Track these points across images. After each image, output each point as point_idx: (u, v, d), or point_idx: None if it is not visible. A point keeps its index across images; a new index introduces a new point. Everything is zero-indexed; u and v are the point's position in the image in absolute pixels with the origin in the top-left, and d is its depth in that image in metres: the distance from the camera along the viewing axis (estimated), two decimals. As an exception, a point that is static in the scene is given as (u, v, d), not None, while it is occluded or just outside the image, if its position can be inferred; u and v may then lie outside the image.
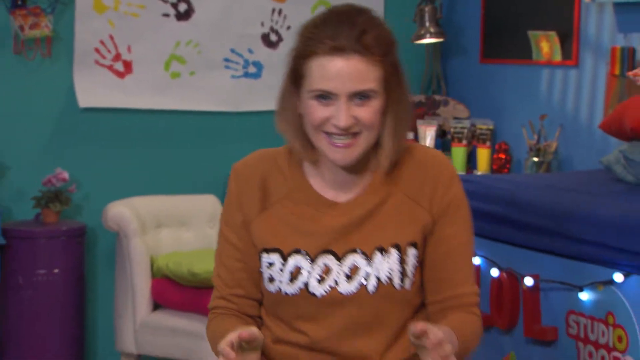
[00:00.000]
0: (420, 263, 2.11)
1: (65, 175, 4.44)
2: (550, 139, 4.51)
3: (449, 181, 2.12)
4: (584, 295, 2.90)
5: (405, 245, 2.08)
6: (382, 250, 2.08)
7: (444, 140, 4.96)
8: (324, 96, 2.01)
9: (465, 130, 4.84)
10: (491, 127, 4.82)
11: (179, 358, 4.23)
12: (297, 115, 2.10)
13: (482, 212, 3.12)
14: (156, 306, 4.31)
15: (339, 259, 2.08)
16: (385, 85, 2.04)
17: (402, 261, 2.07)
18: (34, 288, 4.33)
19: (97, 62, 4.61)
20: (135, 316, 4.27)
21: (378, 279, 2.06)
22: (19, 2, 4.44)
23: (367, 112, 2.01)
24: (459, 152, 4.82)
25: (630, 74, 3.73)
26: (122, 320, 4.32)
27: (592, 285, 2.88)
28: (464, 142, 4.83)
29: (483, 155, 4.77)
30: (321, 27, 2.03)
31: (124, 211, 4.33)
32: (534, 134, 4.56)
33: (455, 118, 5.00)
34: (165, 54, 4.74)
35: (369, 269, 2.07)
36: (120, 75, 4.68)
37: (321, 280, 2.07)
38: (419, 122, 4.86)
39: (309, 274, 2.07)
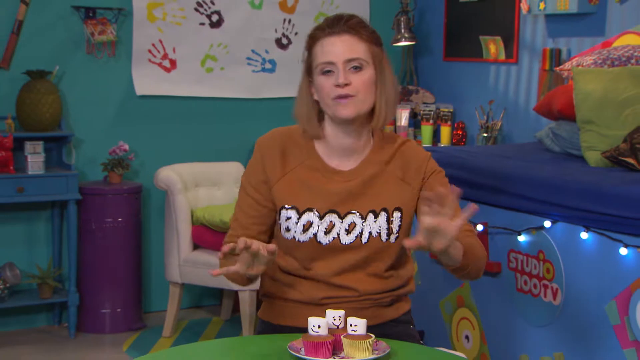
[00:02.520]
0: (406, 224, 2.13)
1: (126, 146, 4.47)
2: (496, 119, 4.54)
3: (429, 165, 2.18)
4: (521, 238, 2.91)
5: (392, 209, 2.13)
6: (374, 212, 2.12)
7: (415, 120, 4.96)
8: (328, 70, 2.08)
9: (432, 113, 4.86)
10: (451, 110, 4.83)
11: (211, 285, 4.27)
12: (311, 101, 2.14)
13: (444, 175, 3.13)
14: (195, 246, 4.32)
15: (341, 217, 2.12)
16: (374, 62, 2.10)
17: (388, 221, 2.12)
18: (103, 232, 4.35)
19: (149, 60, 4.61)
20: (180, 254, 4.28)
21: (370, 233, 2.11)
22: (90, 14, 4.44)
23: (359, 78, 2.07)
24: (427, 130, 4.83)
25: (557, 69, 3.74)
26: (170, 257, 4.33)
27: (528, 230, 2.88)
28: (431, 121, 4.85)
29: (445, 131, 4.79)
30: (321, 24, 2.14)
31: (170, 174, 4.33)
32: (484, 115, 4.59)
33: (424, 103, 5.02)
34: (202, 53, 4.74)
35: (363, 226, 2.11)
36: (167, 70, 4.68)
37: (327, 232, 2.11)
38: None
39: (318, 227, 2.11)
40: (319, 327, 1.88)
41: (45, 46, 4.40)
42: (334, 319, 1.93)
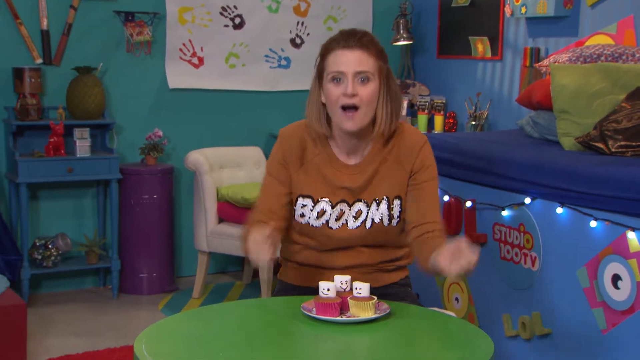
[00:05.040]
0: (404, 209, 2.12)
1: (160, 133, 4.46)
2: (483, 109, 4.52)
3: (423, 151, 2.14)
4: (505, 213, 2.91)
5: (393, 197, 2.12)
6: (377, 200, 2.11)
7: (412, 110, 4.94)
8: (337, 78, 2.04)
9: (427, 103, 4.83)
10: (444, 101, 4.81)
11: (234, 254, 4.26)
12: (321, 104, 2.11)
13: (438, 158, 3.05)
14: (220, 220, 4.32)
15: (349, 205, 2.12)
16: (379, 76, 2.06)
17: (389, 208, 2.12)
18: (140, 207, 4.36)
19: (180, 57, 4.61)
20: (207, 226, 4.29)
21: (373, 220, 2.11)
22: (130, 18, 4.44)
23: (366, 90, 2.03)
24: (422, 118, 4.81)
25: (536, 65, 3.72)
26: (198, 229, 4.33)
27: (510, 206, 2.88)
28: (426, 111, 4.83)
29: (438, 120, 4.77)
30: (335, 38, 2.08)
31: (198, 157, 4.32)
32: (472, 106, 4.57)
33: (420, 95, 5.00)
34: (226, 51, 4.72)
35: (368, 213, 2.11)
36: (196, 66, 4.67)
37: (337, 219, 2.12)
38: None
39: (330, 215, 2.11)
40: (328, 290, 1.88)
41: (91, 46, 4.39)
42: (341, 283, 1.94)
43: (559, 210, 2.67)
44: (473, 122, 4.46)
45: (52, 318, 4.00)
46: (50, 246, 4.19)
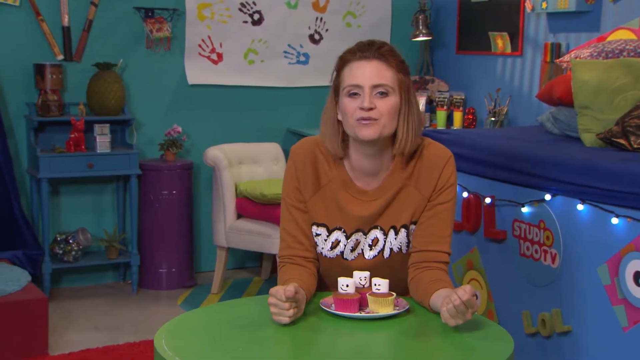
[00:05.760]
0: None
1: (179, 129, 4.49)
2: (503, 105, 4.50)
3: (445, 171, 1.99)
4: (525, 209, 2.89)
5: (410, 224, 2.00)
6: (395, 228, 2.00)
7: (431, 106, 4.92)
8: (354, 92, 1.91)
9: (446, 99, 4.82)
10: (463, 97, 4.79)
11: (253, 249, 4.27)
12: (336, 121, 1.97)
13: (457, 155, 3.02)
14: (239, 216, 4.33)
15: (365, 233, 2.01)
16: (400, 90, 1.93)
17: (408, 236, 2.01)
18: (160, 203, 4.39)
19: (200, 54, 4.62)
20: (226, 222, 4.30)
21: (391, 249, 2.01)
22: (149, 14, 4.46)
23: (385, 104, 1.91)
24: (441, 114, 4.79)
25: (557, 61, 3.70)
26: (217, 224, 4.35)
27: (530, 202, 2.86)
28: (445, 107, 4.81)
29: (457, 116, 4.75)
30: (351, 49, 1.96)
31: (217, 153, 4.33)
32: (492, 102, 4.54)
33: (439, 91, 4.98)
34: (244, 47, 4.73)
35: (385, 242, 2.01)
36: (215, 62, 4.69)
37: (352, 250, 2.02)
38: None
39: (344, 246, 2.02)
40: (347, 286, 1.88)
41: (111, 42, 4.42)
42: (360, 279, 1.93)
43: (580, 207, 2.65)
44: (492, 118, 4.44)
45: (72, 312, 4.04)
46: (70, 241, 4.22)
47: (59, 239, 4.23)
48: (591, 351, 2.62)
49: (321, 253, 2.04)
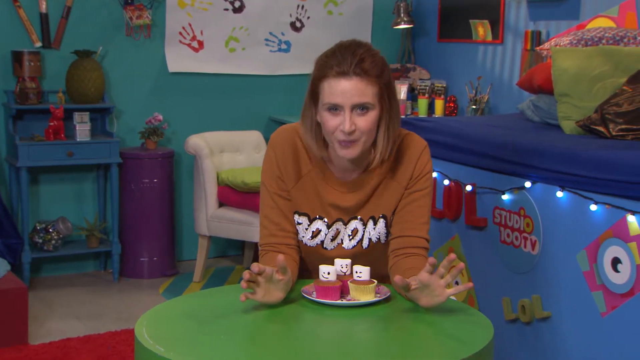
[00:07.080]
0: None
1: (160, 117, 4.46)
2: (484, 93, 4.51)
3: (420, 160, 2.00)
4: (505, 197, 2.90)
5: (389, 215, 2.01)
6: (374, 219, 2.01)
7: (412, 94, 4.93)
8: (334, 108, 1.86)
9: (427, 87, 4.82)
10: (444, 85, 4.80)
11: (235, 238, 4.27)
12: (315, 122, 1.93)
13: (438, 142, 3.11)
14: (220, 204, 4.33)
15: (345, 224, 2.01)
16: (380, 99, 1.88)
17: (387, 226, 2.01)
18: (141, 191, 4.37)
19: (180, 41, 4.60)
20: (207, 210, 4.30)
21: (370, 239, 2.02)
22: (129, 1, 4.42)
23: (365, 121, 1.86)
24: (423, 102, 4.80)
25: (537, 48, 3.71)
26: (199, 213, 4.34)
27: (510, 190, 2.87)
28: (426, 95, 4.82)
29: (439, 104, 4.76)
30: (331, 57, 1.86)
31: (198, 141, 4.33)
32: (473, 90, 4.56)
33: (420, 79, 4.98)
34: (225, 35, 4.71)
35: (364, 232, 2.01)
36: (195, 50, 4.66)
37: (332, 239, 2.02)
38: (396, 82, 4.84)
39: (325, 235, 2.02)
40: (328, 273, 1.88)
41: (90, 29, 4.38)
42: (342, 267, 1.93)
43: (559, 194, 2.67)
44: (474, 106, 4.45)
45: (53, 301, 4.02)
46: (50, 230, 4.19)
47: (38, 227, 4.20)
48: (570, 336, 2.64)
49: (301, 240, 2.03)
